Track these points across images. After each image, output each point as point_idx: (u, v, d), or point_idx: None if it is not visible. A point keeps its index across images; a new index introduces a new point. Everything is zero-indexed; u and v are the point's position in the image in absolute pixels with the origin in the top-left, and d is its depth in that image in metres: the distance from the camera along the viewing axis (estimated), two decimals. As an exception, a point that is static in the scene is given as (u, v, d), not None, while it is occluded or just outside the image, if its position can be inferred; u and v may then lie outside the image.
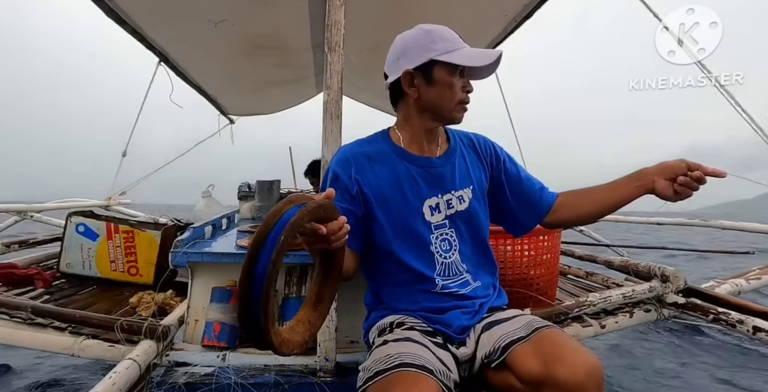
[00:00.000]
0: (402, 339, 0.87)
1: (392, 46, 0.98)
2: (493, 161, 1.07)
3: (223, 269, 1.33)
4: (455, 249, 0.99)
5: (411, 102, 0.97)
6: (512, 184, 1.07)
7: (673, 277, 1.47)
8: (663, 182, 0.92)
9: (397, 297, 0.99)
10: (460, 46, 0.92)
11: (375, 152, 0.98)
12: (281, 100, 3.61)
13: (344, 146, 1.02)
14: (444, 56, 0.89)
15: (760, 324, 1.21)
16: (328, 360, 1.12)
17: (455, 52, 0.90)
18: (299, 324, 0.72)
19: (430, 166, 0.98)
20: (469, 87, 0.96)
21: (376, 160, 0.97)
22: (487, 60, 0.90)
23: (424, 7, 1.81)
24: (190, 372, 1.12)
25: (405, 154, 0.98)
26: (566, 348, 0.79)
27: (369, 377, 0.78)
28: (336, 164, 0.97)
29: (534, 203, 1.07)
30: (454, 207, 0.99)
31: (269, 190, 2.42)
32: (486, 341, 0.91)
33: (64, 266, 1.87)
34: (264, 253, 0.59)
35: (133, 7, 1.75)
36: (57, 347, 1.18)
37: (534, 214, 1.07)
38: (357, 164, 0.96)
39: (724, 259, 6.27)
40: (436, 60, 0.90)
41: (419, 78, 0.93)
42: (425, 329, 0.93)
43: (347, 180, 0.94)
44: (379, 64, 1.04)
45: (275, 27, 2.00)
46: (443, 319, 0.94)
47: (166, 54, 2.33)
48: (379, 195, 0.95)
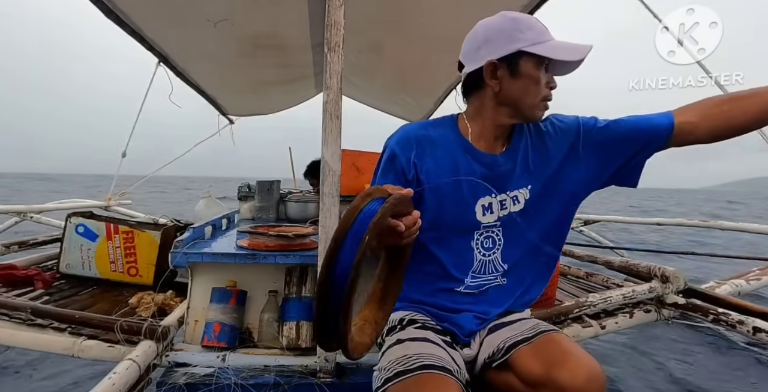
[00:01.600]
0: (419, 338, 0.85)
1: (472, 34, 0.90)
2: (571, 140, 0.93)
3: (223, 269, 1.33)
4: (498, 247, 0.94)
5: (489, 95, 0.88)
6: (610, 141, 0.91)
7: (673, 278, 1.47)
8: None
9: (415, 287, 0.95)
10: (548, 37, 0.84)
11: (440, 139, 0.91)
12: (281, 100, 3.60)
13: (407, 124, 0.96)
14: (533, 48, 0.82)
15: (760, 325, 1.21)
16: (328, 360, 1.12)
17: (545, 43, 0.82)
18: (367, 324, 0.68)
19: (494, 165, 0.91)
20: (553, 83, 0.88)
21: (439, 147, 0.90)
22: (580, 55, 0.82)
23: (424, 7, 1.81)
24: (190, 373, 1.12)
25: (471, 149, 0.91)
26: (569, 353, 0.79)
27: (388, 377, 0.77)
28: (396, 143, 0.90)
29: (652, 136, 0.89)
30: (507, 208, 0.92)
31: (269, 190, 2.41)
32: (490, 343, 0.91)
33: (64, 267, 1.87)
34: (345, 253, 0.55)
35: (132, 7, 1.75)
36: (57, 348, 1.18)
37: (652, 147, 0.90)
38: (419, 147, 0.89)
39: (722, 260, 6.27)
40: (523, 51, 0.82)
41: (503, 70, 0.84)
42: (435, 327, 0.92)
43: (405, 163, 0.88)
44: (379, 64, 1.04)
45: (275, 27, 2.00)
46: (455, 319, 0.94)
47: (165, 54, 2.33)
48: (434, 184, 0.89)
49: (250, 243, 1.38)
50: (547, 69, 0.85)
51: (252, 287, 1.34)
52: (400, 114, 3.72)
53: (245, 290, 1.32)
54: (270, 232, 1.35)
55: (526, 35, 0.82)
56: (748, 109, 0.83)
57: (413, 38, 2.02)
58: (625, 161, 0.92)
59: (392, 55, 2.30)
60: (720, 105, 0.86)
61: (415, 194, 0.86)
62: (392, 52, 2.26)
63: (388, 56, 2.32)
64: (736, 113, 0.84)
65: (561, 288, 1.83)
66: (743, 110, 0.84)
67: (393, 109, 3.64)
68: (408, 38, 2.05)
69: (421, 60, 2.31)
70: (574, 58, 0.82)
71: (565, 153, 0.93)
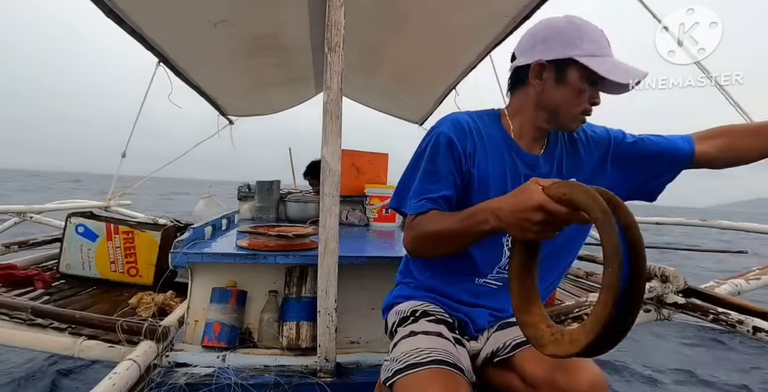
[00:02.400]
0: (432, 333, 0.85)
1: (533, 29, 0.88)
2: (602, 151, 0.96)
3: (223, 269, 1.33)
4: None
5: (531, 94, 0.88)
6: (635, 156, 0.95)
7: (673, 277, 1.47)
8: None
9: (438, 274, 0.94)
10: (606, 52, 0.82)
11: (488, 133, 0.89)
12: (281, 100, 3.60)
13: (456, 113, 0.93)
14: (586, 59, 0.80)
15: (760, 324, 1.21)
16: (328, 360, 1.12)
17: (600, 58, 0.81)
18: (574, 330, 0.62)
19: (536, 165, 0.91)
20: (597, 99, 0.86)
21: (489, 141, 0.89)
22: (631, 78, 0.80)
23: (424, 7, 1.81)
24: (190, 373, 1.12)
25: (515, 147, 0.90)
26: (573, 359, 0.78)
27: (399, 369, 0.77)
28: (451, 129, 0.86)
29: (673, 160, 0.93)
30: None
31: (269, 190, 2.41)
32: (497, 339, 0.91)
33: (64, 267, 1.87)
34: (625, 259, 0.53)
35: (132, 7, 1.75)
36: (57, 348, 1.18)
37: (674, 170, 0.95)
38: (473, 138, 0.87)
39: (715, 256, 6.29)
40: (575, 60, 0.80)
41: (550, 73, 0.83)
42: (446, 320, 0.91)
43: (462, 152, 0.85)
44: (379, 64, 1.04)
45: (275, 27, 2.00)
46: (470, 312, 0.94)
47: (165, 54, 2.33)
48: (484, 181, 0.87)
49: (250, 243, 1.38)
50: (595, 84, 0.84)
51: (252, 287, 1.34)
52: (399, 114, 3.71)
53: (245, 291, 1.32)
54: (270, 232, 1.35)
55: (584, 46, 0.81)
56: (766, 144, 0.89)
57: (413, 38, 2.02)
58: (647, 179, 0.95)
59: (392, 55, 2.29)
60: (740, 138, 0.91)
61: (460, 191, 0.86)
62: (392, 52, 2.25)
63: (388, 56, 2.32)
64: (754, 148, 0.90)
65: (561, 288, 1.83)
66: (761, 144, 0.89)
67: (393, 109, 3.64)
68: (408, 38, 2.05)
69: (421, 60, 2.31)
70: (623, 80, 0.80)
71: (595, 162, 0.95)
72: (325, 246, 1.07)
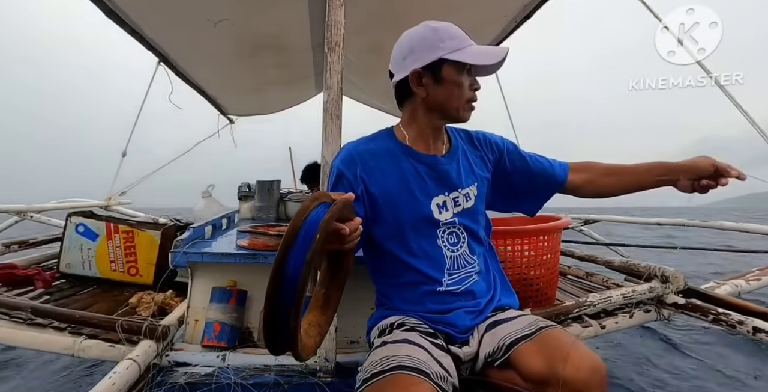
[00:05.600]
0: (400, 340, 0.86)
1: (398, 44, 0.96)
2: (495, 153, 1.07)
3: (223, 269, 1.33)
4: (463, 242, 0.99)
5: (419, 101, 0.95)
6: (520, 169, 1.08)
7: (673, 278, 1.47)
8: (686, 181, 0.98)
9: (402, 297, 0.98)
10: (468, 43, 0.91)
11: (381, 150, 0.96)
12: (281, 100, 3.61)
13: (348, 143, 1.00)
14: (452, 54, 0.88)
15: (760, 325, 1.21)
16: (328, 360, 1.12)
17: (464, 50, 0.89)
18: (311, 327, 0.71)
19: (436, 164, 0.97)
20: (476, 85, 0.95)
21: (382, 158, 0.96)
22: (496, 58, 0.90)
23: (424, 7, 1.81)
24: (190, 372, 1.12)
25: (412, 152, 0.97)
26: (570, 347, 0.79)
27: (365, 378, 0.78)
28: (341, 162, 0.95)
29: (548, 182, 1.10)
30: (461, 205, 0.99)
31: (269, 190, 2.42)
32: (489, 340, 0.91)
33: (64, 267, 1.87)
34: (295, 252, 0.57)
35: (132, 7, 1.75)
36: (57, 347, 1.18)
37: (549, 191, 1.11)
38: (363, 162, 0.94)
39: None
40: (444, 59, 0.88)
41: (427, 77, 0.91)
42: (426, 330, 0.92)
43: (353, 179, 0.93)
44: (379, 64, 1.04)
45: (275, 27, 2.00)
46: (447, 319, 0.94)
47: (165, 54, 2.33)
48: (386, 194, 0.94)
49: (250, 243, 1.38)
50: (469, 73, 0.93)
51: (252, 286, 1.34)
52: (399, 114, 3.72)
53: (245, 290, 1.32)
54: (270, 232, 1.35)
55: (446, 44, 0.89)
56: (621, 182, 1.06)
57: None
58: (525, 193, 1.10)
59: (392, 55, 2.30)
60: (599, 176, 1.08)
61: (369, 211, 0.94)
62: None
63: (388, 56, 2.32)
64: (611, 185, 1.07)
65: (561, 288, 1.83)
66: (618, 182, 1.06)
67: (393, 109, 3.64)
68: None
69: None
70: (491, 61, 0.90)
71: (491, 162, 1.07)
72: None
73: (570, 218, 1.70)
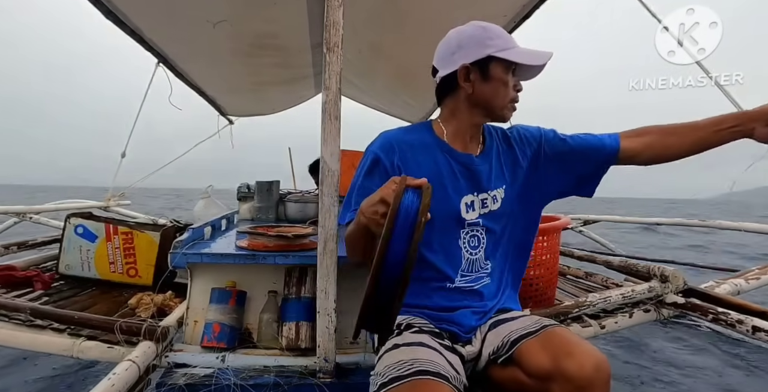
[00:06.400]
0: (414, 343, 0.86)
1: (445, 41, 0.97)
2: (532, 146, 1.04)
3: (223, 270, 1.33)
4: (482, 247, 0.99)
5: (463, 97, 0.95)
6: (564, 152, 1.02)
7: (673, 277, 1.47)
8: (764, 129, 0.87)
9: (411, 290, 0.97)
10: (514, 44, 0.92)
11: (418, 142, 0.97)
12: (280, 100, 3.60)
13: (385, 131, 1.00)
14: (502, 53, 0.89)
15: (760, 324, 1.21)
16: (327, 361, 1.12)
17: (512, 49, 0.90)
18: None
19: (470, 163, 0.97)
20: (519, 86, 0.96)
21: (419, 150, 0.96)
22: (542, 60, 0.91)
23: (424, 7, 1.81)
24: (190, 374, 1.12)
25: (448, 148, 0.97)
26: (575, 344, 0.80)
27: (383, 383, 0.77)
28: (379, 148, 0.95)
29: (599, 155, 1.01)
30: (488, 207, 0.98)
31: (268, 190, 2.41)
32: (493, 338, 0.91)
33: (63, 268, 1.87)
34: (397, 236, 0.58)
35: (131, 8, 1.75)
36: (56, 348, 1.18)
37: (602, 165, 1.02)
38: (401, 150, 0.94)
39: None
40: (493, 56, 0.90)
41: (475, 73, 0.92)
42: (432, 330, 0.92)
43: (389, 166, 0.93)
44: (378, 64, 1.04)
45: (274, 27, 2.00)
46: (452, 317, 0.95)
47: (164, 55, 2.33)
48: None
49: (249, 244, 1.38)
50: (514, 73, 0.93)
51: (251, 287, 1.34)
52: (399, 114, 3.71)
53: (245, 291, 1.32)
54: (269, 232, 1.35)
55: (496, 42, 0.90)
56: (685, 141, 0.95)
57: (413, 38, 2.02)
58: (579, 174, 1.03)
59: (392, 55, 2.29)
60: (661, 137, 0.98)
61: None
62: (392, 52, 2.25)
63: (387, 56, 2.32)
64: (673, 146, 0.97)
65: (561, 288, 1.83)
66: (681, 141, 0.96)
67: (393, 109, 3.64)
68: (408, 38, 2.05)
69: (421, 60, 2.30)
70: (538, 62, 0.91)
71: (529, 159, 1.03)
72: (324, 246, 1.07)
73: (569, 218, 1.70)
